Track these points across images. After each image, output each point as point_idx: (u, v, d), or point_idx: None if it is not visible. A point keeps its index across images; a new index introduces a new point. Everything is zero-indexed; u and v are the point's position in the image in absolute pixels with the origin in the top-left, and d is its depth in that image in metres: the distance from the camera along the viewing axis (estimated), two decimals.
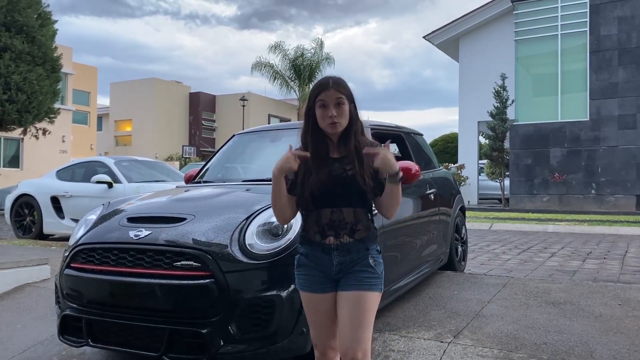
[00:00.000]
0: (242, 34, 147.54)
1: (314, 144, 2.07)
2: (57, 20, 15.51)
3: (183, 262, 2.72)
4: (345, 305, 2.03)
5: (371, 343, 3.29)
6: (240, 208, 3.07)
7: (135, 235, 2.89)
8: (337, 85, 2.05)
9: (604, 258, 7.21)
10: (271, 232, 2.86)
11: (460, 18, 21.12)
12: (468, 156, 20.90)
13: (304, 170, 2.06)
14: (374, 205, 2.11)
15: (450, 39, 21.72)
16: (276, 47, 29.64)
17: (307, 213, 2.10)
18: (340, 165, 2.06)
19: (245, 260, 2.72)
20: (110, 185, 7.79)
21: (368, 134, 3.89)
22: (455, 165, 21.08)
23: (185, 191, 3.77)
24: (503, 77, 18.18)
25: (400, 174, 1.97)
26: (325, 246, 2.04)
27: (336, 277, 2.06)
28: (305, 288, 2.11)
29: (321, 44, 30.19)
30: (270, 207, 2.90)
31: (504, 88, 18.29)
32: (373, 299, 2.05)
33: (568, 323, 3.62)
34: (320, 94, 2.04)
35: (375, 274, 2.05)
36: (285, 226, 2.86)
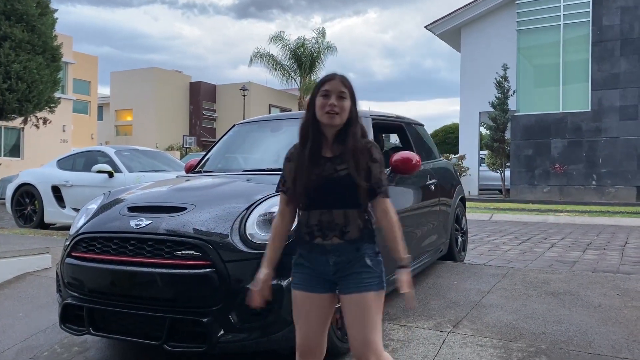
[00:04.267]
0: (241, 23, 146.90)
1: (312, 136, 2.04)
2: (57, 9, 15.43)
3: (184, 252, 2.73)
4: (348, 309, 2.01)
5: None
6: (240, 198, 3.07)
7: (136, 225, 2.90)
8: (343, 80, 2.05)
9: (604, 249, 7.23)
10: (271, 222, 2.86)
11: (462, 8, 20.98)
12: (469, 147, 20.87)
13: (296, 167, 2.05)
14: (370, 207, 2.07)
15: (452, 29, 21.59)
16: (277, 38, 29.47)
17: (300, 212, 2.09)
18: (332, 165, 2.02)
19: (245, 249, 2.73)
20: (110, 174, 7.79)
21: (370, 134, 3.90)
22: (456, 155, 21.06)
23: (186, 181, 3.78)
24: (505, 68, 18.09)
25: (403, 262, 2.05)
26: (320, 247, 2.01)
27: (334, 279, 2.03)
28: (299, 287, 2.08)
29: (323, 33, 30.02)
30: (270, 197, 2.92)
31: (505, 78, 18.22)
32: (375, 299, 2.02)
33: (567, 313, 3.64)
34: (325, 84, 2.04)
35: (375, 273, 2.02)
36: None
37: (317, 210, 2.02)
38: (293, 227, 2.11)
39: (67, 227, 7.58)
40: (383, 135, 5.56)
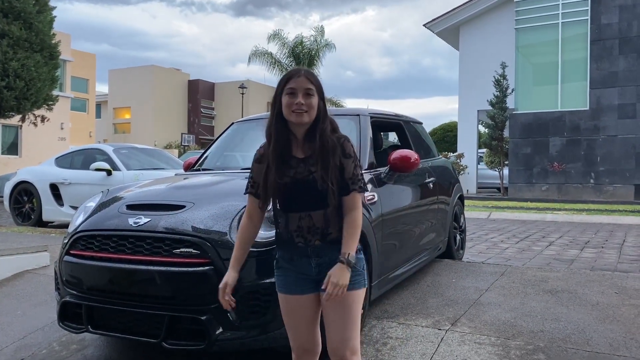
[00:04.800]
0: (239, 21, 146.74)
1: (275, 136, 1.97)
2: (55, 7, 15.40)
3: (182, 249, 2.73)
4: (328, 306, 1.98)
5: (370, 330, 3.32)
6: (239, 196, 3.05)
7: (135, 223, 2.89)
8: (308, 75, 1.98)
9: (602, 247, 7.24)
10: (270, 220, 2.84)
11: (461, 6, 20.97)
12: (467, 145, 20.88)
13: (266, 169, 1.98)
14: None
15: (450, 27, 21.59)
16: (275, 36, 29.43)
17: (277, 216, 2.03)
18: (305, 166, 1.96)
19: None
20: (109, 172, 7.79)
21: (367, 126, 3.89)
22: (455, 154, 21.07)
23: (184, 179, 3.77)
24: (503, 66, 18.10)
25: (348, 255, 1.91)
26: (302, 249, 1.97)
27: (318, 278, 1.99)
28: (283, 289, 2.05)
29: (322, 31, 29.98)
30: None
31: (504, 77, 18.23)
32: (356, 297, 1.99)
33: (565, 311, 3.64)
34: (290, 81, 1.96)
35: (356, 271, 1.97)
36: None
37: (295, 214, 1.97)
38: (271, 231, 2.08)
39: (65, 225, 7.57)
40: (382, 133, 5.56)
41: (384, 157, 4.07)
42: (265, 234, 2.79)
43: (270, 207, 2.09)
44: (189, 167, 4.37)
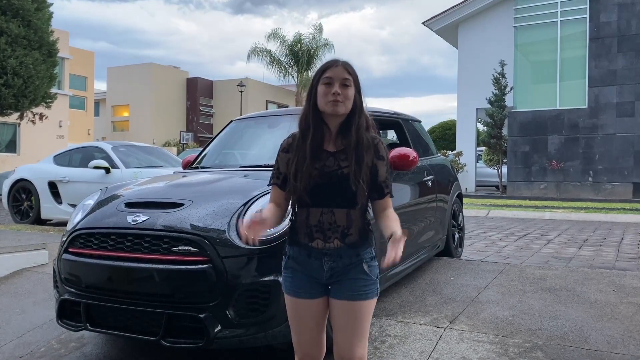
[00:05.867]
0: (237, 18, 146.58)
1: (313, 129, 1.90)
2: (52, 4, 15.35)
3: (181, 247, 2.73)
4: (339, 314, 1.93)
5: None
6: (238, 194, 3.07)
7: (133, 221, 2.89)
8: (346, 65, 1.91)
9: (600, 245, 7.25)
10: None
11: (459, 4, 20.95)
12: (466, 143, 20.88)
13: (296, 161, 1.90)
14: (370, 206, 1.95)
15: (449, 25, 21.57)
16: (274, 35, 29.41)
17: (297, 210, 1.94)
18: (335, 160, 1.89)
19: (243, 245, 2.72)
20: (107, 170, 7.78)
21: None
22: (453, 152, 21.07)
23: (183, 177, 3.77)
24: (502, 64, 18.10)
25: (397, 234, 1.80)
26: (315, 251, 1.90)
27: (327, 283, 1.93)
28: (291, 292, 1.97)
29: (320, 29, 29.98)
30: (267, 193, 2.92)
31: (502, 75, 18.23)
32: (368, 307, 1.94)
33: (563, 309, 3.65)
34: (327, 70, 1.89)
35: (371, 280, 1.93)
36: None
37: (317, 209, 1.89)
38: (286, 227, 2.02)
39: (63, 223, 7.56)
40: (380, 131, 5.56)
41: None
42: (265, 232, 2.79)
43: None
44: (188, 165, 4.37)
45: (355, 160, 1.87)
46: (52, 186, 8.30)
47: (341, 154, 1.90)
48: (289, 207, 2.01)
